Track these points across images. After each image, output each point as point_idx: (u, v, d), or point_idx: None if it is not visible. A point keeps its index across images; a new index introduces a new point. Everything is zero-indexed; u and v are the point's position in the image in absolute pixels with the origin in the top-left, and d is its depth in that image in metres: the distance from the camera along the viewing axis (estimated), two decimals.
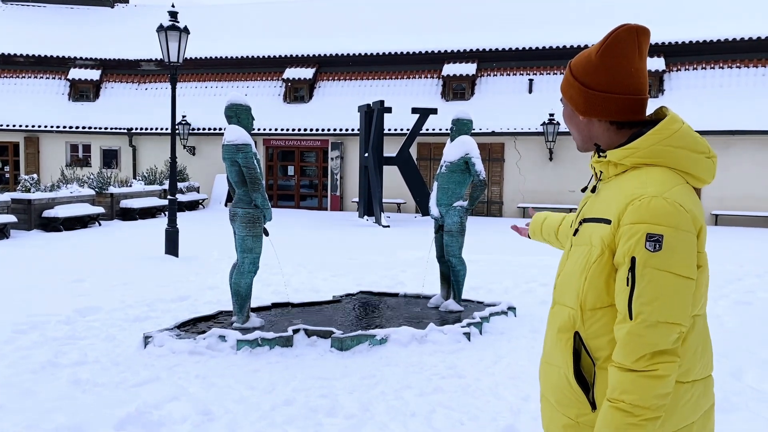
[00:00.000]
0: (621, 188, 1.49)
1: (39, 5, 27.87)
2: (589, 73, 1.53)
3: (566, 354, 1.55)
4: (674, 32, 20.35)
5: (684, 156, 1.48)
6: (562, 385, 1.56)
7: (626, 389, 1.37)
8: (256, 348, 5.21)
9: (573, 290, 1.55)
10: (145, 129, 23.17)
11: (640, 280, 1.38)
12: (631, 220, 1.40)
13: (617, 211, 1.45)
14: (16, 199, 13.85)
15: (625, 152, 1.50)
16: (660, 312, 1.37)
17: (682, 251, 1.38)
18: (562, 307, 1.60)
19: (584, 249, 1.54)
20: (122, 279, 8.43)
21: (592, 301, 1.50)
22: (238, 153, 5.51)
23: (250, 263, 5.68)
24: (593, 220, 1.53)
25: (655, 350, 1.37)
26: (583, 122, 1.60)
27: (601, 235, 1.48)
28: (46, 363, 4.78)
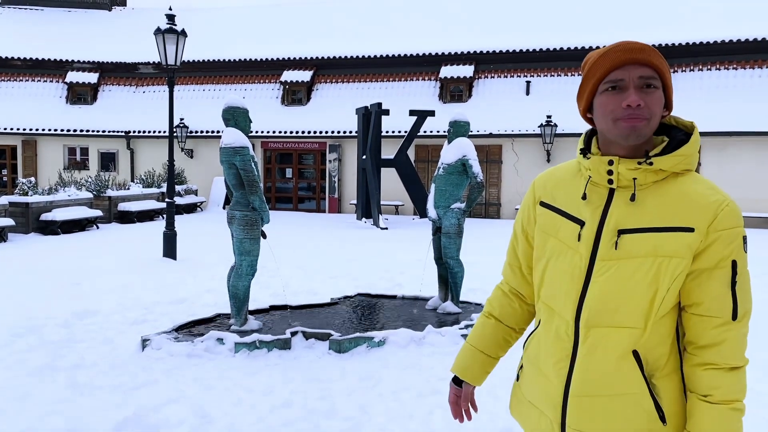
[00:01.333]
0: (685, 195, 1.43)
1: (36, 8, 27.87)
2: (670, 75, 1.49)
3: (636, 375, 1.44)
4: (670, 34, 20.40)
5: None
6: (632, 411, 1.44)
7: (739, 388, 1.42)
8: (254, 351, 5.21)
9: (634, 307, 1.43)
10: (142, 132, 23.17)
11: (741, 283, 1.41)
12: (728, 225, 1.40)
13: (701, 217, 1.40)
14: (14, 203, 13.83)
15: (676, 159, 1.45)
16: (750, 308, 1.43)
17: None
18: (611, 329, 1.45)
19: (646, 261, 1.42)
20: (120, 282, 8.43)
21: (664, 310, 1.44)
22: (235, 156, 5.51)
23: (248, 266, 5.68)
24: (652, 230, 1.42)
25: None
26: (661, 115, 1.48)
27: (684, 244, 1.40)
28: (44, 366, 4.78)
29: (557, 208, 1.56)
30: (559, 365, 1.50)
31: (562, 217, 1.54)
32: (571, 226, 1.52)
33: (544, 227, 1.59)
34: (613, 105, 1.43)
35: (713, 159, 18.77)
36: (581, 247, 1.48)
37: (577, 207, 1.52)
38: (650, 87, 1.43)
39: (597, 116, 1.49)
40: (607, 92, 1.45)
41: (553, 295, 1.54)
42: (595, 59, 1.47)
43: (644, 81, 1.42)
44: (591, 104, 1.51)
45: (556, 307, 1.52)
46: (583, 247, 1.47)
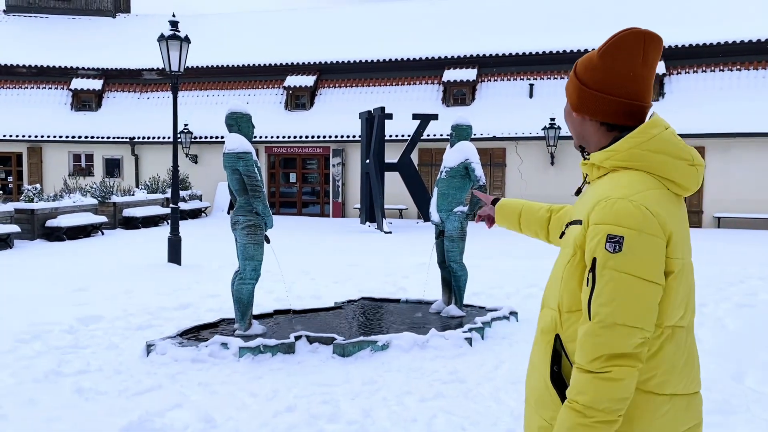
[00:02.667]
0: (596, 191, 1.49)
1: (41, 16, 28.04)
2: (588, 71, 1.54)
3: (545, 356, 1.55)
4: (674, 35, 20.37)
5: (661, 161, 1.45)
6: (541, 386, 1.55)
7: (581, 390, 1.37)
8: (258, 355, 5.22)
9: (555, 292, 1.56)
10: (147, 138, 23.26)
11: (599, 281, 1.37)
12: (595, 221, 1.41)
13: (587, 212, 1.46)
14: (20, 209, 13.91)
15: (605, 155, 1.49)
16: (617, 314, 1.35)
17: (644, 254, 1.36)
18: (546, 309, 1.60)
19: (564, 251, 1.55)
20: (125, 287, 8.45)
21: (568, 303, 1.50)
22: (239, 161, 5.54)
23: (252, 270, 5.70)
24: (572, 223, 1.55)
25: (612, 352, 1.34)
26: (577, 120, 1.60)
27: (574, 236, 1.49)
28: (49, 372, 4.80)
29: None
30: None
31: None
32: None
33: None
34: None
35: (717, 160, 18.72)
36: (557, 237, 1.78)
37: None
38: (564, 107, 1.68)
39: None
40: None
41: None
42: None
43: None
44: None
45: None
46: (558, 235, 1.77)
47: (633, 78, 1.49)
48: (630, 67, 1.49)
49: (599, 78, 1.51)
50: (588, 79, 1.53)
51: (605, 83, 1.50)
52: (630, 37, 1.49)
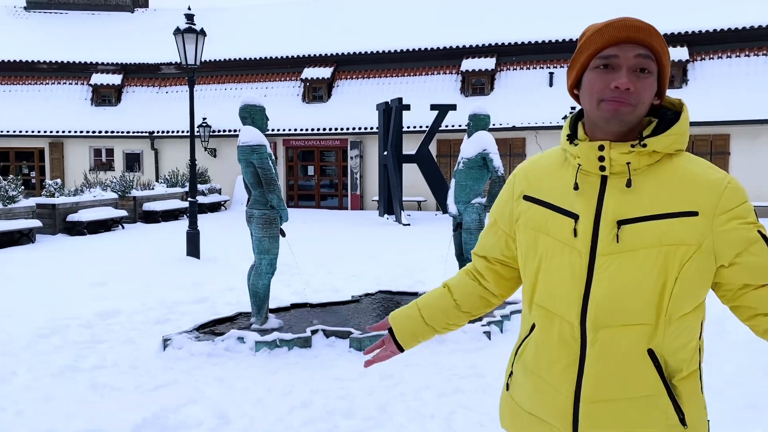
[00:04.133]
0: (683, 177, 1.34)
1: (61, 12, 28.28)
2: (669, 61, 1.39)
3: (652, 375, 1.34)
4: (697, 20, 19.96)
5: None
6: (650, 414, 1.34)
7: None
8: (274, 349, 5.18)
9: (644, 302, 1.32)
10: (166, 132, 23.39)
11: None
12: (736, 202, 1.31)
13: (706, 200, 1.31)
14: (41, 204, 14.04)
15: (670, 139, 1.35)
16: None
17: None
18: (621, 328, 1.34)
19: (651, 252, 1.31)
20: (143, 281, 8.48)
21: (681, 308, 1.32)
22: (252, 154, 5.48)
23: (268, 264, 5.65)
24: (652, 218, 1.32)
25: None
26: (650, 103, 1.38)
27: (688, 229, 1.30)
28: (66, 367, 4.80)
29: (545, 202, 1.44)
30: (567, 371, 1.38)
31: (552, 211, 1.42)
32: (563, 220, 1.40)
33: (533, 224, 1.46)
34: (600, 84, 1.35)
35: (744, 148, 18.33)
36: (578, 243, 1.36)
37: (568, 199, 1.40)
38: (644, 71, 1.34)
39: (583, 94, 1.40)
40: (598, 70, 1.36)
41: (551, 297, 1.41)
42: (591, 32, 1.37)
43: (639, 63, 1.33)
44: (580, 80, 1.42)
45: (557, 309, 1.40)
46: (581, 243, 1.36)
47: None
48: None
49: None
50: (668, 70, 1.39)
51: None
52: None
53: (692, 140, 18.77)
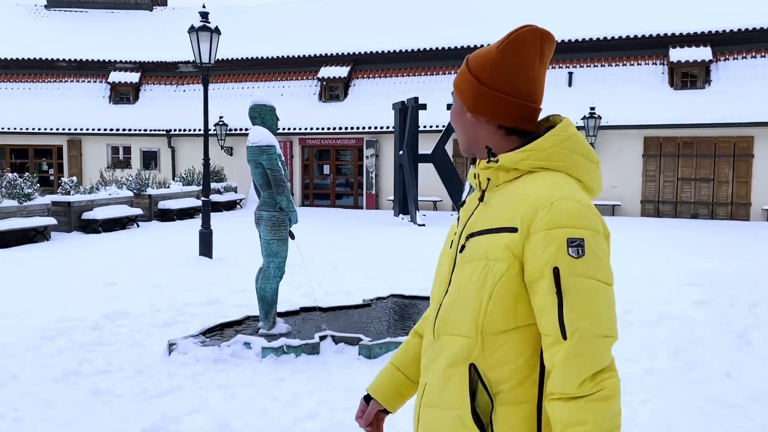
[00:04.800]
0: (520, 193, 1.31)
1: (81, 10, 28.47)
2: (486, 69, 1.39)
3: (463, 391, 1.31)
4: (721, 20, 19.54)
5: (578, 162, 1.36)
6: (456, 426, 1.31)
7: (578, 421, 1.17)
8: (281, 356, 5.05)
9: (467, 314, 1.32)
10: (183, 130, 23.42)
11: (569, 292, 1.20)
12: (548, 225, 1.23)
13: (524, 217, 1.26)
14: (56, 202, 14.07)
15: (522, 155, 1.34)
16: (597, 326, 1.20)
17: (603, 256, 1.25)
18: (451, 337, 1.35)
19: (479, 265, 1.31)
20: (154, 282, 8.40)
21: (497, 323, 1.28)
22: (262, 155, 5.35)
23: (276, 268, 5.52)
24: (487, 232, 1.32)
25: (599, 369, 1.19)
26: (470, 121, 1.43)
27: (505, 244, 1.28)
28: (69, 371, 4.70)
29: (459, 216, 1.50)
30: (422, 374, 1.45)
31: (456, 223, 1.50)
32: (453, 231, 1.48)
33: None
34: None
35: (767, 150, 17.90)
36: (451, 252, 1.43)
37: (464, 213, 1.46)
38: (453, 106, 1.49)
39: None
40: None
41: (431, 302, 1.48)
42: None
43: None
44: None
45: (429, 314, 1.47)
46: (452, 252, 1.42)
47: (531, 78, 1.39)
48: (529, 67, 1.38)
49: (500, 77, 1.38)
50: (487, 77, 1.39)
51: (506, 82, 1.38)
52: (529, 35, 1.37)
53: (714, 142, 18.38)
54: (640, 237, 13.40)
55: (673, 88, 19.34)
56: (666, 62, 19.79)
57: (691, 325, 6.15)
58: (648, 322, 6.21)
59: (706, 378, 4.66)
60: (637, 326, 6.03)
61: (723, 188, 18.44)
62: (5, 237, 12.20)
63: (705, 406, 4.17)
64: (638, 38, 20.19)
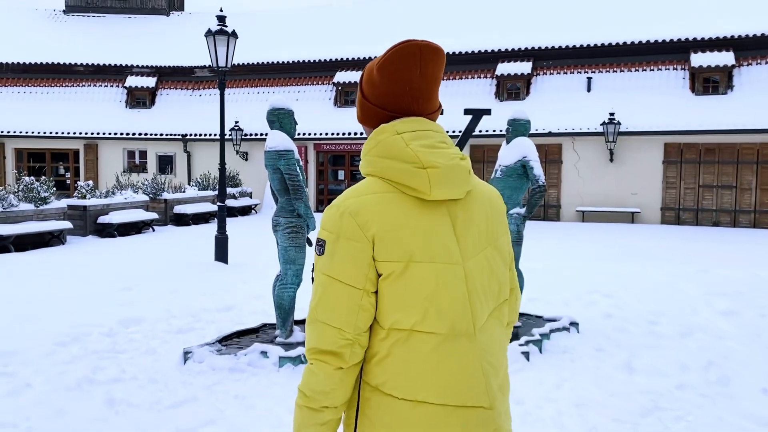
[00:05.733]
0: None
1: (99, 15, 28.68)
2: (368, 85, 1.52)
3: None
4: (743, 24, 19.23)
5: (388, 166, 1.44)
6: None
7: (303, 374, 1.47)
8: (299, 365, 4.91)
9: None
10: (199, 135, 23.46)
11: (314, 281, 1.47)
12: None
13: None
14: (72, 206, 14.09)
15: (362, 162, 1.52)
16: (320, 312, 1.43)
17: (340, 257, 1.41)
18: None
19: None
20: (170, 287, 8.31)
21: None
22: (279, 159, 5.23)
23: (293, 275, 5.39)
24: None
25: (316, 347, 1.42)
26: (366, 130, 1.58)
27: None
28: (83, 379, 4.60)
29: None
30: None
31: None
32: None
33: None
34: None
35: None
36: None
37: None
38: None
39: None
40: None
41: None
42: None
43: None
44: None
45: None
46: None
47: (409, 92, 1.48)
48: (406, 80, 1.47)
49: (378, 93, 1.50)
50: (369, 93, 1.52)
51: (383, 98, 1.50)
52: (404, 50, 1.45)
53: (737, 149, 18.06)
54: (660, 245, 13.15)
55: (694, 93, 19.05)
56: (687, 67, 19.51)
57: (720, 337, 5.94)
58: (675, 334, 6.01)
59: (740, 394, 4.47)
60: (664, 338, 5.83)
61: (746, 196, 18.11)
62: (22, 240, 12.21)
63: (742, 423, 3.98)
64: (658, 43, 19.94)
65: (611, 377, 4.74)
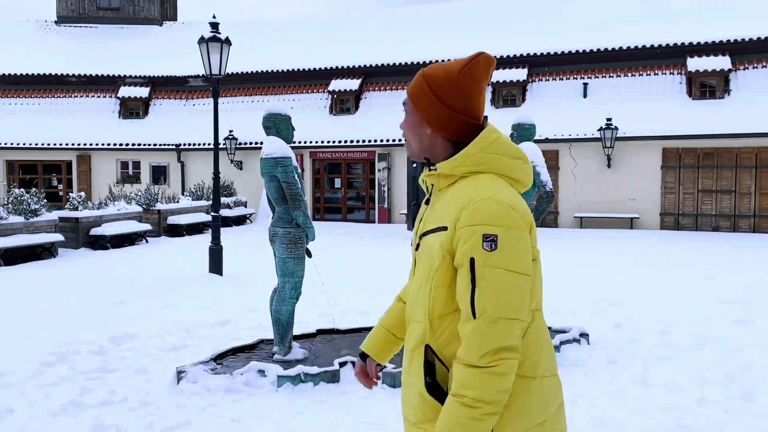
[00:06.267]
0: (454, 196, 1.54)
1: (91, 26, 28.44)
2: (449, 91, 1.57)
3: (419, 368, 1.55)
4: (740, 28, 19.15)
5: (504, 162, 1.57)
6: (418, 400, 1.55)
7: (470, 385, 1.41)
8: (298, 384, 4.66)
9: (421, 303, 1.56)
10: (192, 144, 23.21)
11: (480, 280, 1.43)
12: (467, 223, 1.45)
13: (453, 216, 1.49)
14: (64, 218, 13.80)
15: (454, 162, 1.56)
16: (501, 309, 1.42)
17: (515, 249, 1.45)
18: (414, 324, 1.61)
19: (426, 260, 1.55)
20: (163, 301, 8.05)
21: (440, 308, 1.53)
22: (276, 167, 4.99)
23: (292, 288, 5.15)
24: (431, 232, 1.56)
25: (498, 346, 1.42)
26: (427, 134, 1.62)
27: (440, 242, 1.51)
28: (69, 403, 4.34)
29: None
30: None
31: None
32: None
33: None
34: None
35: None
36: (412, 250, 1.67)
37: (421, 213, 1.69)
38: (406, 114, 1.67)
39: None
40: None
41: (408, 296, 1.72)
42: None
43: (404, 108, 1.68)
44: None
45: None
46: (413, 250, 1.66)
47: (482, 100, 1.62)
48: (480, 89, 1.61)
49: (461, 100, 1.58)
50: (449, 99, 1.57)
51: (465, 105, 1.58)
52: (485, 61, 1.59)
53: (736, 153, 17.93)
54: (662, 251, 12.95)
55: (691, 98, 18.93)
56: (684, 72, 19.41)
57: (736, 347, 5.72)
58: (688, 345, 5.78)
59: (766, 409, 4.24)
60: (678, 349, 5.61)
61: (745, 200, 17.96)
62: (11, 254, 11.92)
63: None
64: (654, 48, 19.83)
65: (628, 392, 4.51)
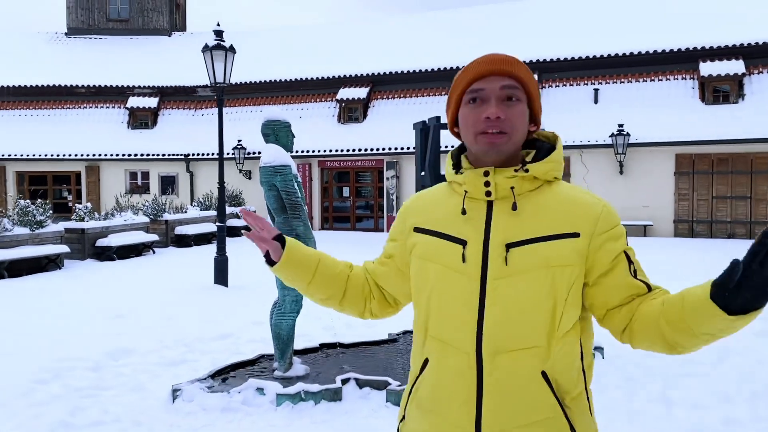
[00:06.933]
0: (566, 201, 1.40)
1: (100, 37, 28.55)
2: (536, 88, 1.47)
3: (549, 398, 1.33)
4: (754, 32, 18.84)
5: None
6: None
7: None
8: (299, 403, 4.45)
9: (532, 325, 1.33)
10: (201, 154, 23.14)
11: (640, 270, 1.41)
12: (612, 225, 1.40)
13: (586, 222, 1.38)
14: (70, 229, 13.70)
15: (548, 166, 1.43)
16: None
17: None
18: (518, 352, 1.33)
19: (539, 274, 1.34)
20: (165, 313, 7.88)
21: (565, 324, 1.35)
22: (275, 175, 4.81)
23: (292, 302, 4.94)
24: (542, 239, 1.35)
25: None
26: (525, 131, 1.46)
27: (572, 249, 1.35)
28: (59, 424, 4.15)
29: (434, 231, 1.46)
30: (466, 404, 1.35)
31: (441, 239, 1.44)
32: (452, 247, 1.41)
33: (423, 253, 1.47)
34: (473, 117, 1.41)
35: None
36: (468, 268, 1.38)
37: (456, 226, 1.43)
38: (512, 99, 1.41)
39: (461, 129, 1.46)
40: (469, 105, 1.42)
41: (445, 327, 1.40)
42: (461, 71, 1.44)
43: (506, 93, 1.40)
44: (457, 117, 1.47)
45: (451, 339, 1.38)
46: (471, 267, 1.37)
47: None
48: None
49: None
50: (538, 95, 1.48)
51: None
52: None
53: (751, 158, 17.58)
54: (676, 259, 12.64)
55: (704, 103, 18.61)
56: (696, 77, 19.10)
57: (760, 362, 5.46)
58: (709, 360, 5.51)
59: None
60: (699, 365, 5.34)
61: (761, 206, 17.58)
62: (16, 266, 11.82)
63: None
64: (666, 53, 19.55)
65: (647, 412, 4.25)
